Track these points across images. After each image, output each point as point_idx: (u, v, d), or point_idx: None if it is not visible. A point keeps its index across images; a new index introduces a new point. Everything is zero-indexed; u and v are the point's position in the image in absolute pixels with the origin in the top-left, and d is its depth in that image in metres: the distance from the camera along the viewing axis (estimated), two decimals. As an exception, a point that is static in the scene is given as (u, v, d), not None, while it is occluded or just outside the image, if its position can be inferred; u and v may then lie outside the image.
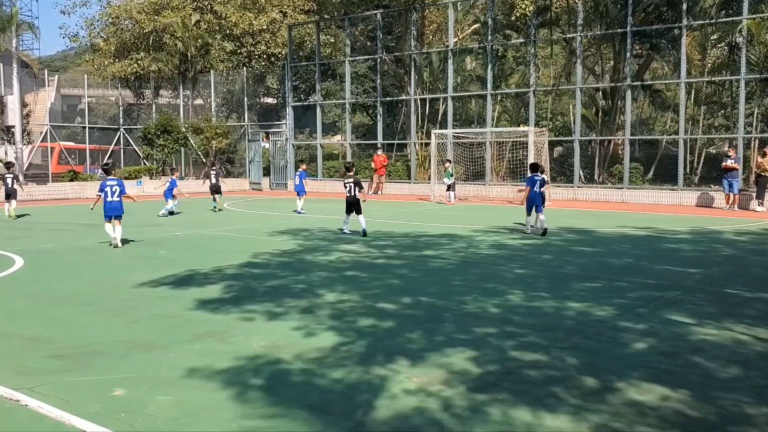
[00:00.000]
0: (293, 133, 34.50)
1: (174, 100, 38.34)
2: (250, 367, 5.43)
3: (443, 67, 30.71)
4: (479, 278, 9.40)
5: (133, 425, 4.26)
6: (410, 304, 7.70)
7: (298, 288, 8.65)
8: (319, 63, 33.54)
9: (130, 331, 6.61)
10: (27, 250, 12.01)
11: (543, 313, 7.34)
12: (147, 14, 35.70)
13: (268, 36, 36.87)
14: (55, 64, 61.47)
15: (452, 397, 4.72)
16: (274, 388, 4.94)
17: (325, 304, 7.65)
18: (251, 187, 34.33)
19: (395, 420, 4.35)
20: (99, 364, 5.57)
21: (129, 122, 37.11)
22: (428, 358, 5.64)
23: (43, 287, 8.91)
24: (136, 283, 8.93)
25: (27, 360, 5.66)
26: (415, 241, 13.42)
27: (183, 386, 5.02)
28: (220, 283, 8.98)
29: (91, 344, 6.12)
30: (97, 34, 39.55)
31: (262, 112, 38.66)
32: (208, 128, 33.92)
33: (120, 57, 36.67)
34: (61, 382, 5.12)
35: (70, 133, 40.26)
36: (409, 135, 31.13)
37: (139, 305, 7.74)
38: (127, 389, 4.93)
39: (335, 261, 10.88)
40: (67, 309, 7.65)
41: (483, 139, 28.00)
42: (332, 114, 40.15)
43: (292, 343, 6.09)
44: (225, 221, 17.88)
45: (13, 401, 4.70)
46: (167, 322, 6.97)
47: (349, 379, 5.13)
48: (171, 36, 35.09)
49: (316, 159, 33.71)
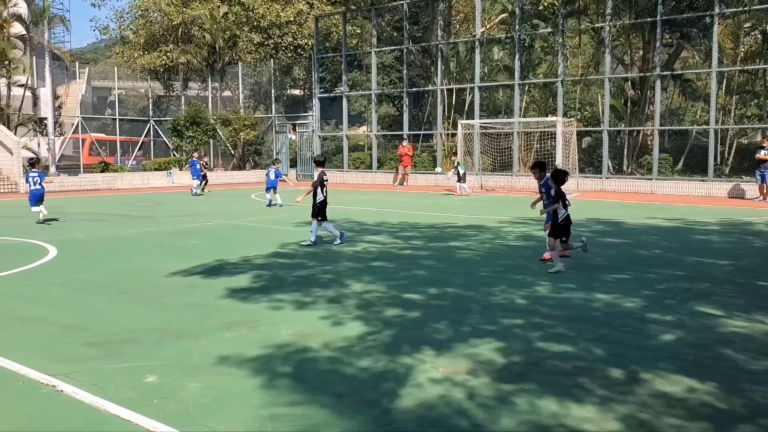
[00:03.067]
0: (319, 124, 34.62)
1: (203, 92, 38.70)
2: (279, 355, 5.51)
3: (470, 57, 30.55)
4: (506, 269, 9.39)
5: (165, 411, 4.35)
6: (436, 295, 7.73)
7: (326, 278, 8.73)
8: (345, 54, 33.55)
9: (161, 319, 6.74)
10: (60, 240, 12.25)
11: (570, 304, 7.33)
12: (176, 6, 36.04)
13: (295, 27, 37.00)
14: (86, 56, 62.28)
15: (478, 387, 4.75)
16: (302, 376, 5.02)
17: (351, 294, 7.72)
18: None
19: (421, 408, 4.39)
20: (132, 351, 5.69)
21: (158, 114, 37.53)
22: (454, 348, 5.68)
23: (77, 276, 9.11)
24: (167, 272, 9.09)
25: (62, 347, 5.81)
26: (441, 232, 13.43)
27: (213, 373, 5.11)
28: (249, 272, 9.09)
29: (124, 332, 6.25)
30: (127, 27, 40.05)
31: (288, 104, 38.85)
32: (236, 120, 34.19)
33: (149, 49, 37.09)
34: (96, 368, 5.24)
35: (100, 125, 40.83)
36: (436, 125, 31.06)
37: (171, 294, 7.88)
38: (159, 376, 5.04)
39: (361, 251, 10.94)
40: (101, 297, 7.82)
41: (510, 129, 27.84)
42: (358, 105, 40.17)
43: (320, 332, 6.16)
44: (252, 212, 18.06)
45: (49, 387, 4.83)
46: (198, 310, 7.09)
47: (376, 367, 5.19)
48: (199, 28, 35.40)
49: (341, 150, 33.80)
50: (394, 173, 31.11)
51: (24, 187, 25.84)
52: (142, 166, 33.67)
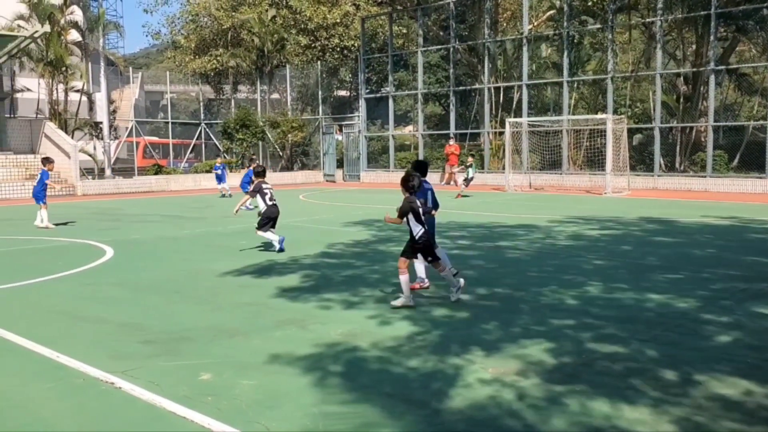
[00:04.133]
0: (366, 125, 34.77)
1: (251, 95, 39.30)
2: (329, 354, 5.57)
3: (518, 55, 30.29)
4: (556, 269, 9.29)
5: (219, 408, 4.44)
6: (485, 295, 7.70)
7: (373, 278, 8.78)
8: (391, 54, 33.64)
9: (215, 318, 6.88)
10: (116, 241, 12.61)
11: (622, 304, 7.21)
12: (225, 11, 36.68)
13: (342, 29, 37.25)
14: (139, 61, 63.92)
15: (528, 388, 4.73)
16: (352, 375, 5.07)
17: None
18: (325, 179, 34.85)
19: (471, 409, 4.39)
20: (186, 349, 5.83)
21: (209, 117, 38.25)
22: (504, 348, 5.65)
23: (133, 276, 9.36)
24: (219, 272, 9.27)
25: (120, 345, 5.98)
26: (489, 232, 13.35)
27: (266, 371, 5.20)
28: (298, 272, 9.20)
29: (179, 330, 6.40)
30: (178, 32, 40.93)
31: (335, 105, 39.14)
32: (284, 122, 34.61)
33: (200, 53, 37.84)
34: (152, 366, 5.39)
35: (153, 128, 41.85)
36: (483, 124, 30.87)
37: (223, 293, 8.04)
38: (213, 374, 5.15)
39: (409, 251, 10.94)
40: (156, 297, 8.03)
41: (559, 127, 27.49)
42: (404, 104, 40.23)
43: (369, 332, 6.21)
44: (300, 212, 18.25)
45: (108, 384, 4.98)
46: (250, 309, 7.22)
47: (425, 367, 5.20)
48: (248, 32, 35.95)
49: (388, 150, 33.89)
50: (440, 172, 31.02)
51: (82, 189, 26.70)
52: (193, 168, 34.36)
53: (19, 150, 27.71)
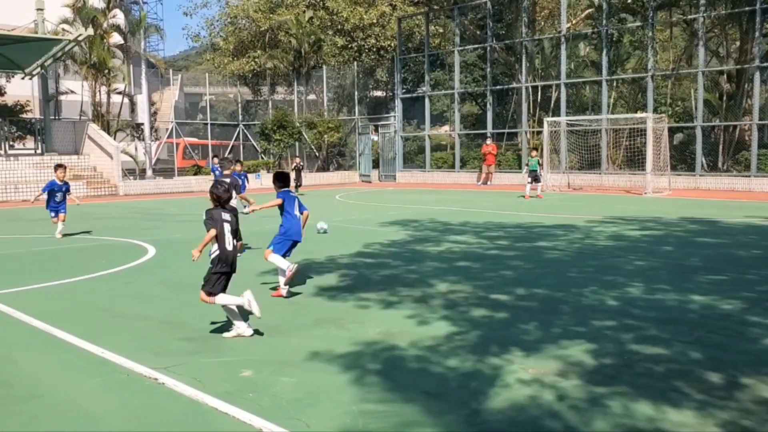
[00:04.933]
0: (402, 125, 34.79)
1: (288, 96, 39.62)
2: (368, 352, 5.59)
3: (556, 54, 29.99)
4: (596, 270, 9.18)
5: (260, 405, 4.50)
6: (524, 296, 7.64)
7: (411, 277, 8.78)
8: (428, 54, 33.60)
9: (255, 316, 6.94)
10: (158, 240, 12.82)
11: (664, 306, 7.09)
12: (263, 13, 37.04)
13: (378, 29, 37.33)
14: (178, 63, 64.93)
15: (569, 389, 4.68)
16: (391, 374, 5.08)
17: (437, 294, 7.74)
18: (361, 180, 34.96)
19: (511, 409, 4.37)
20: (227, 346, 5.91)
21: (247, 118, 38.67)
22: (544, 349, 5.61)
23: (174, 274, 9.52)
24: (258, 270, 9.37)
25: (163, 342, 6.09)
26: (527, 232, 13.25)
27: (305, 369, 5.25)
28: (336, 271, 9.26)
29: (219, 328, 6.49)
30: (217, 34, 41.47)
31: (371, 105, 39.24)
32: (321, 123, 34.81)
33: (238, 55, 38.27)
34: (194, 362, 5.47)
35: (193, 129, 42.47)
36: (520, 123, 30.65)
37: (262, 291, 8.11)
38: (253, 370, 5.21)
39: (445, 251, 10.93)
40: (197, 295, 8.06)
41: (598, 126, 27.15)
42: (441, 104, 40.13)
43: (407, 331, 6.21)
44: (336, 213, 18.34)
45: (151, 379, 5.07)
46: (289, 308, 7.29)
47: (464, 367, 5.19)
48: (285, 33, 36.24)
49: (424, 150, 33.84)
50: (477, 172, 30.89)
51: (123, 189, 27.23)
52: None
53: (63, 151, 28.36)
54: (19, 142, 29.52)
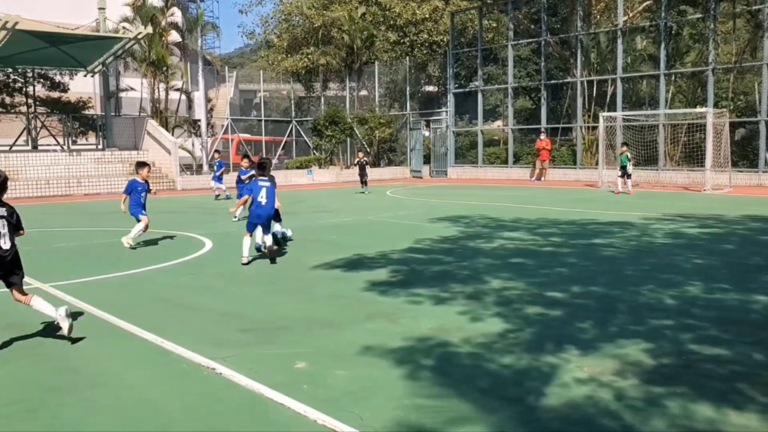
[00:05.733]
0: (454, 120, 34.63)
1: (340, 92, 39.88)
2: (420, 348, 5.61)
3: (612, 48, 29.38)
4: (654, 268, 8.98)
5: (314, 397, 4.56)
6: (580, 293, 7.53)
7: (463, 274, 8.75)
8: (480, 48, 33.34)
9: (308, 309, 7.06)
10: (214, 233, 13.08)
11: (725, 305, 6.90)
12: (316, 9, 37.34)
13: (431, 24, 37.22)
14: (234, 60, 65.95)
15: (626, 389, 4.60)
16: (444, 370, 5.08)
17: (490, 291, 7.69)
18: (412, 175, 34.93)
19: (566, 408, 4.32)
20: (282, 338, 6.01)
21: (300, 114, 39.09)
22: (600, 348, 5.52)
23: (231, 267, 9.70)
24: (311, 264, 9.48)
25: (220, 332, 6.23)
26: (582, 229, 13.04)
27: (358, 362, 5.29)
28: (387, 267, 9.29)
29: (275, 320, 6.61)
30: (271, 31, 42.01)
31: (423, 101, 39.15)
32: (372, 118, 34.92)
33: (292, 52, 38.69)
34: (250, 353, 5.58)
35: (247, 126, 43.15)
36: (575, 119, 30.16)
37: (316, 285, 8.23)
38: (308, 363, 5.29)
39: (498, 248, 10.85)
40: (252, 287, 8.31)
41: (655, 121, 26.49)
42: (493, 99, 39.79)
43: (460, 327, 6.20)
44: (387, 208, 18.39)
45: (209, 369, 5.20)
46: (341, 301, 7.36)
47: (518, 365, 5.15)
48: (338, 29, 36.46)
49: (476, 146, 33.62)
50: (531, 168, 30.54)
51: (181, 184, 27.86)
52: (285, 165, 35.20)
53: (124, 147, 29.20)
54: (81, 137, 30.54)
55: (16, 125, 29.17)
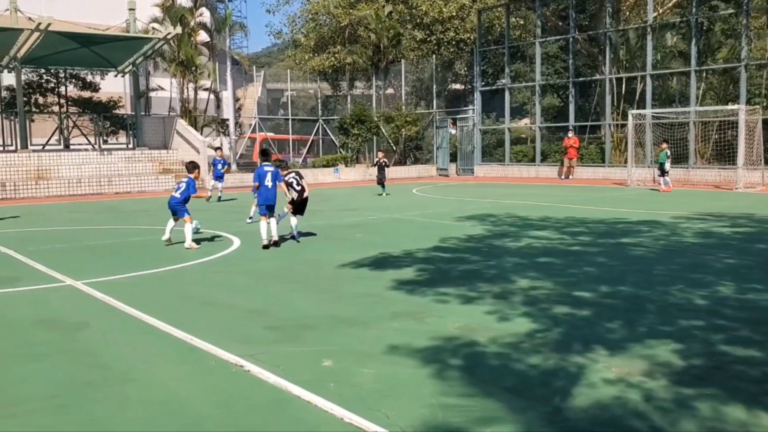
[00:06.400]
0: (481, 117, 34.47)
1: (367, 91, 39.93)
2: (447, 347, 5.60)
3: (641, 44, 29.01)
4: (684, 268, 8.86)
5: (341, 395, 4.57)
6: (608, 293, 7.46)
7: (490, 273, 8.72)
8: (508, 46, 33.15)
9: (334, 307, 7.09)
10: (242, 231, 13.18)
11: (758, 306, 6.78)
12: (343, 9, 37.42)
13: (457, 22, 37.10)
14: (261, 60, 66.35)
15: (655, 390, 4.55)
16: (471, 369, 5.07)
17: (518, 290, 7.65)
18: (438, 173, 34.86)
19: (595, 408, 4.29)
20: (309, 336, 6.04)
21: (326, 113, 39.21)
22: (629, 348, 5.46)
23: (258, 265, 9.78)
24: (337, 263, 9.52)
25: (247, 330, 6.28)
26: (611, 228, 12.91)
27: (384, 361, 5.30)
28: (413, 265, 9.28)
29: (301, 318, 6.65)
30: (298, 30, 42.19)
31: (449, 99, 39.05)
32: (399, 117, 34.91)
33: (319, 51, 38.83)
34: (277, 351, 5.63)
35: (274, 125, 43.41)
36: (603, 116, 29.84)
37: (342, 284, 8.26)
38: (334, 361, 5.31)
39: (525, 247, 10.79)
40: (279, 285, 8.37)
41: (686, 119, 26.11)
42: (521, 96, 39.54)
43: (487, 327, 6.18)
44: (413, 206, 18.38)
45: (238, 366, 5.25)
46: (367, 300, 7.37)
47: (546, 365, 5.12)
48: (365, 28, 36.50)
49: (503, 144, 33.43)
50: (558, 166, 30.28)
51: (210, 183, 28.10)
52: (312, 163, 35.36)
53: (153, 146, 29.55)
54: (112, 137, 30.98)
55: (49, 125, 29.69)
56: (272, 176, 11.20)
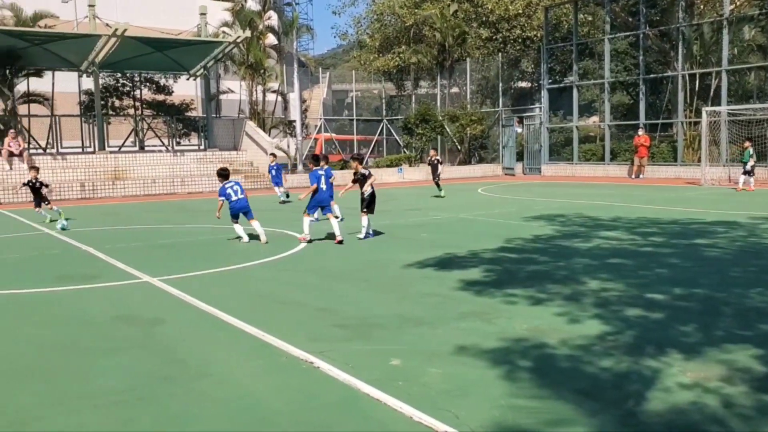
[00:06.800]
0: (548, 116, 33.94)
1: (431, 90, 39.88)
2: (516, 348, 5.55)
3: (716, 39, 28.00)
4: (762, 270, 8.53)
5: (410, 394, 4.59)
6: (682, 296, 7.24)
7: (559, 274, 8.59)
8: (576, 43, 32.53)
9: (401, 306, 7.12)
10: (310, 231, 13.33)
11: None
12: (408, 8, 37.48)
13: (524, 20, 36.65)
14: (326, 61, 67.05)
15: (734, 396, 4.40)
16: (542, 371, 5.01)
17: (588, 292, 7.51)
18: (504, 172, 34.52)
19: (670, 413, 4.18)
20: (376, 335, 6.09)
21: (390, 113, 39.34)
22: (705, 352, 5.30)
23: (325, 264, 9.91)
24: (403, 263, 9.55)
25: (317, 327, 6.38)
26: (684, 229, 12.52)
27: (452, 361, 5.30)
28: (480, 266, 9.23)
29: (369, 316, 6.71)
30: (364, 31, 42.48)
31: (515, 97, 38.60)
32: (463, 116, 34.72)
33: (384, 51, 38.99)
34: (346, 349, 5.69)
35: (338, 126, 43.82)
36: (675, 114, 28.93)
37: (408, 283, 8.28)
38: (402, 360, 5.34)
39: (595, 248, 10.57)
40: (346, 284, 8.46)
41: (764, 115, 25.03)
42: (589, 94, 38.72)
43: (557, 329, 6.09)
44: (478, 206, 18.26)
45: (308, 363, 5.34)
46: (434, 300, 7.37)
47: (618, 368, 5.02)
48: (430, 28, 36.46)
49: (571, 142, 32.82)
50: (629, 165, 29.53)
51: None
52: (375, 163, 35.54)
53: (224, 147, 30.30)
54: (184, 138, 31.92)
55: (125, 127, 30.83)
56: (325, 178, 12.29)
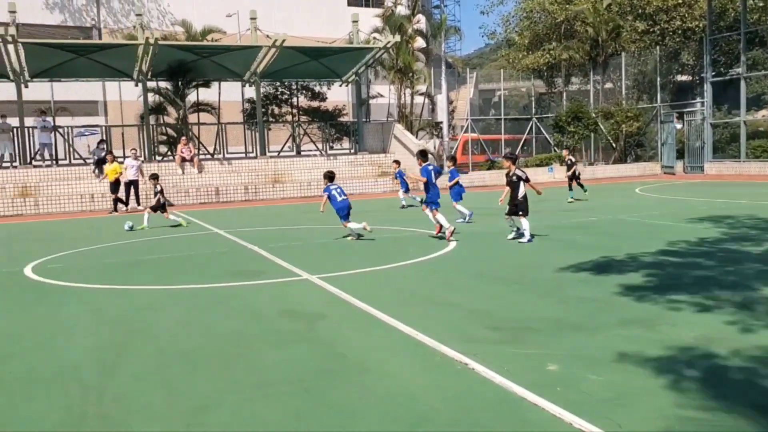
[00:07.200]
0: (711, 110, 31.74)
1: (584, 87, 38.61)
2: (682, 358, 5.27)
3: None
4: None
5: (568, 400, 4.50)
6: None
7: (729, 280, 8.04)
8: (744, 31, 30.15)
9: (557, 310, 6.97)
10: (458, 233, 13.36)
11: None
12: (559, 4, 36.56)
13: (684, 10, 34.57)
14: (473, 61, 66.83)
15: None
16: (711, 382, 4.73)
17: (762, 299, 6.98)
18: (663, 171, 32.72)
19: None
20: (531, 338, 6.02)
21: (539, 111, 38.53)
22: None
23: (476, 265, 9.91)
24: (557, 266, 9.33)
25: (469, 328, 6.40)
26: None
27: (613, 369, 5.12)
28: (639, 270, 8.83)
29: (523, 320, 6.64)
30: (512, 30, 41.94)
31: (674, 92, 36.45)
32: (618, 112, 33.30)
33: (533, 49, 38.29)
34: (500, 351, 5.67)
35: (485, 125, 43.54)
36: None
37: (564, 287, 8.09)
38: (560, 365, 5.24)
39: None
40: (499, 286, 8.42)
41: None
42: (759, 86, 35.74)
43: (727, 338, 5.71)
44: (636, 207, 17.44)
45: (462, 364, 5.38)
46: (592, 305, 7.16)
47: (801, 383, 4.63)
48: (582, 23, 35.36)
49: (737, 138, 30.46)
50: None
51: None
52: (525, 162, 34.92)
53: (373, 150, 31.09)
54: (337, 143, 33.12)
55: (283, 133, 32.50)
56: (435, 174, 13.12)
